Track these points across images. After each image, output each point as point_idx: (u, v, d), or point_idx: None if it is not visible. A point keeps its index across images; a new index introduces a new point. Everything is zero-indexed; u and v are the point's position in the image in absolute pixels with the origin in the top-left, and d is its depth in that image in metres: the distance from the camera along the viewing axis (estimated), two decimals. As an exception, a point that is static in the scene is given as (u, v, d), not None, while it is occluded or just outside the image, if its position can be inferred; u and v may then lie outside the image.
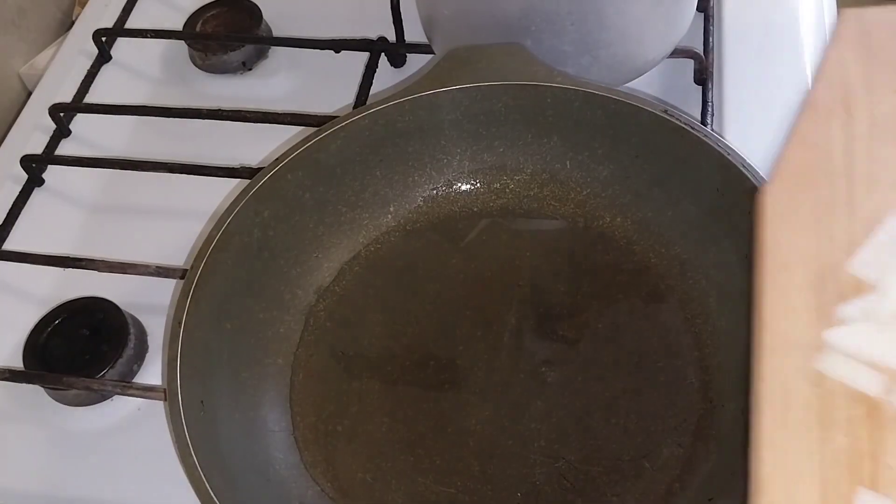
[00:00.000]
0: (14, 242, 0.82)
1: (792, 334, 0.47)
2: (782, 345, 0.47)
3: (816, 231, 0.51)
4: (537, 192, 0.77)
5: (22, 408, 0.73)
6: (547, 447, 0.65)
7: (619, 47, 0.76)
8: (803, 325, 0.48)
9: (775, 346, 0.47)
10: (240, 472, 0.61)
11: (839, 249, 0.49)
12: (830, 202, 0.52)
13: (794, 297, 0.49)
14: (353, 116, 0.72)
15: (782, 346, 0.47)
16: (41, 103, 0.92)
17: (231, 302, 0.67)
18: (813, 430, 0.45)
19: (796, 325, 0.48)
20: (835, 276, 0.49)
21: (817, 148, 0.54)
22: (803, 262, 0.50)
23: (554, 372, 0.68)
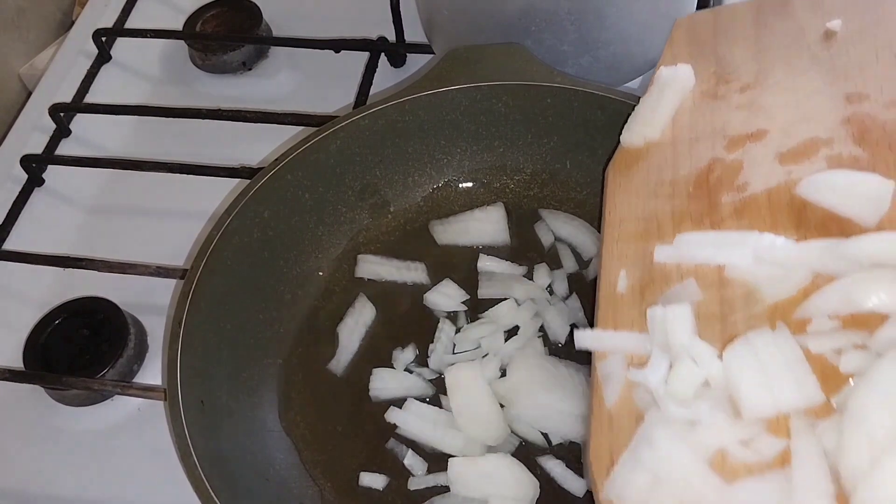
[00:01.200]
0: (14, 242, 0.82)
1: (618, 279, 0.57)
2: (612, 287, 0.57)
3: (646, 191, 0.60)
4: (537, 191, 0.77)
5: (22, 408, 0.73)
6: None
7: (619, 47, 0.76)
8: (630, 268, 0.57)
9: (608, 287, 0.57)
10: (240, 472, 0.61)
11: (663, 203, 0.59)
12: (658, 167, 0.61)
13: (626, 245, 0.58)
14: (353, 116, 0.72)
15: (612, 288, 0.57)
16: (41, 103, 0.92)
17: (231, 302, 0.67)
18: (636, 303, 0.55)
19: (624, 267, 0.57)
20: (659, 225, 0.58)
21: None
22: (634, 217, 0.60)
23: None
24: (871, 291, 0.47)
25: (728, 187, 0.57)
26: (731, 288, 0.52)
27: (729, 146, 0.59)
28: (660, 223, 0.58)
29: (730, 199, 0.57)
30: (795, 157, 0.57)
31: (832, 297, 0.49)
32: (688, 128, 0.62)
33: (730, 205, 0.56)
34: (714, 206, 0.57)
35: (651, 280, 0.55)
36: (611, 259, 0.58)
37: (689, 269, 0.54)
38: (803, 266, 0.51)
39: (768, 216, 0.55)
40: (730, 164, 0.58)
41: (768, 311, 0.50)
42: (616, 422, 0.50)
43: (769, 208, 0.55)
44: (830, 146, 0.56)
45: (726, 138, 0.60)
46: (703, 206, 0.57)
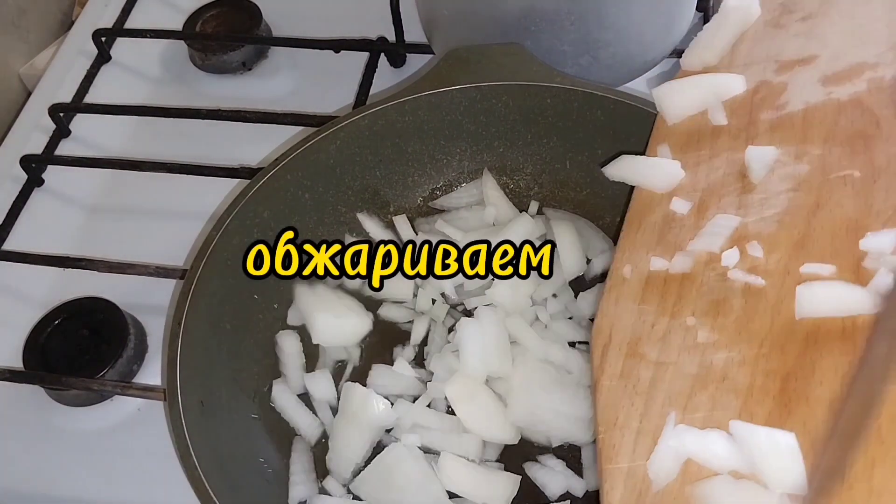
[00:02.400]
0: (14, 242, 0.82)
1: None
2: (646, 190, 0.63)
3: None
4: (537, 192, 0.77)
5: (22, 408, 0.73)
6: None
7: (618, 47, 0.76)
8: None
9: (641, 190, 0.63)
10: (240, 472, 0.61)
11: (706, 118, 0.64)
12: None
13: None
14: (352, 116, 0.72)
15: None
16: (41, 103, 0.92)
17: (231, 302, 0.67)
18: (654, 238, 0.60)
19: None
20: (699, 134, 0.63)
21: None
22: (680, 131, 0.64)
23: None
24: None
25: (769, 106, 0.61)
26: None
27: (778, 70, 0.63)
28: (700, 135, 0.63)
29: (767, 117, 0.60)
30: (838, 80, 0.60)
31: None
32: (745, 54, 0.66)
33: (766, 122, 0.60)
34: (752, 123, 0.61)
35: (680, 188, 0.61)
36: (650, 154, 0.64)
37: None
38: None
39: (800, 131, 0.58)
40: (775, 85, 0.62)
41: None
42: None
43: (802, 124, 0.58)
44: (875, 69, 0.58)
45: (777, 63, 0.63)
46: (742, 122, 0.61)
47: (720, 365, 0.51)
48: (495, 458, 0.65)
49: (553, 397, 0.63)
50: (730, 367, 0.51)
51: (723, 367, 0.51)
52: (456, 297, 0.72)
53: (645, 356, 0.53)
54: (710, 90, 0.65)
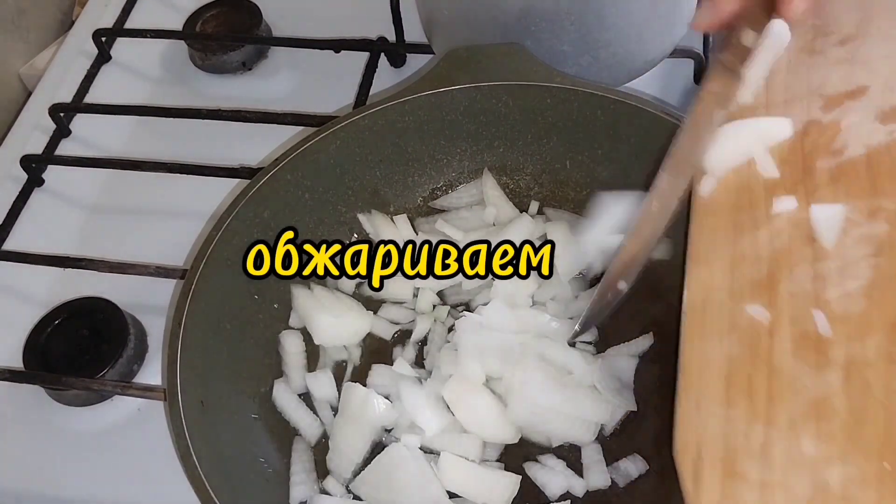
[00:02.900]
0: (14, 242, 0.82)
1: (713, 250, 0.54)
2: (704, 259, 0.54)
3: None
4: (537, 191, 0.77)
5: (22, 408, 0.73)
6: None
7: (618, 47, 0.76)
8: (722, 241, 0.54)
9: (699, 259, 0.55)
10: (240, 472, 0.61)
11: (755, 170, 0.56)
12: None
13: (716, 218, 0.56)
14: (353, 116, 0.72)
15: (704, 260, 0.54)
16: (41, 103, 0.92)
17: (231, 302, 0.67)
18: (724, 325, 0.51)
19: (717, 241, 0.55)
20: (751, 195, 0.55)
21: (742, 84, 0.60)
22: (725, 188, 0.56)
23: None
24: None
25: (824, 151, 0.53)
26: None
27: (826, 106, 0.55)
28: (752, 193, 0.55)
29: (826, 165, 0.53)
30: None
31: None
32: (783, 89, 0.58)
33: (825, 171, 0.52)
34: (808, 173, 0.53)
35: (742, 256, 0.53)
36: (700, 232, 0.55)
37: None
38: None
39: (867, 181, 0.50)
40: (826, 125, 0.54)
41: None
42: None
43: (868, 173, 0.51)
44: None
45: (823, 98, 0.56)
46: (797, 173, 0.53)
47: (837, 485, 0.43)
48: (495, 458, 0.65)
49: (553, 397, 0.63)
50: (849, 486, 0.43)
51: (841, 487, 0.43)
52: (456, 297, 0.72)
53: (746, 476, 0.45)
54: (754, 137, 0.57)
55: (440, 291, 0.73)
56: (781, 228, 0.53)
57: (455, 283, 0.72)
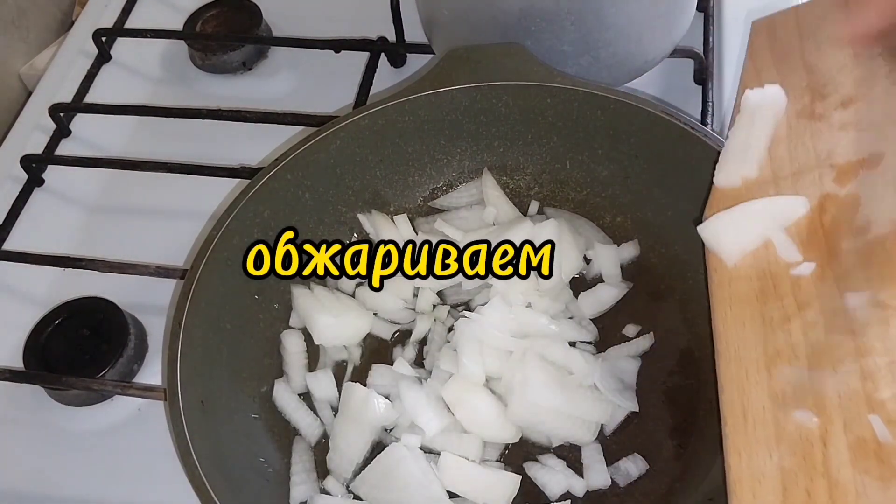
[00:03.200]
0: (14, 242, 0.82)
1: (743, 346, 0.49)
2: (735, 356, 0.50)
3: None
4: (537, 191, 0.77)
5: (22, 408, 0.73)
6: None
7: (619, 47, 0.76)
8: (752, 336, 0.50)
9: (729, 356, 0.50)
10: (240, 472, 0.61)
11: (776, 254, 0.51)
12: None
13: (741, 307, 0.51)
14: (353, 116, 0.72)
15: (735, 358, 0.50)
16: (41, 103, 0.92)
17: (231, 302, 0.67)
18: (770, 433, 0.47)
19: (746, 336, 0.50)
20: (775, 283, 0.50)
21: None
22: (746, 276, 0.52)
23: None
24: None
25: (847, 230, 0.49)
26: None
27: (839, 178, 0.51)
28: (776, 281, 0.51)
29: (852, 246, 0.48)
30: None
31: None
32: (788, 159, 0.54)
33: (852, 252, 0.48)
34: (834, 255, 0.49)
35: (776, 352, 0.48)
36: (726, 325, 0.51)
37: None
38: None
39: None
40: (844, 200, 0.50)
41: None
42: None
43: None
44: None
45: (834, 168, 0.52)
46: (822, 256, 0.49)
47: None
48: (495, 457, 0.65)
49: (553, 397, 0.63)
50: None
51: None
52: (456, 297, 0.72)
53: None
54: (768, 218, 0.53)
55: (440, 291, 0.73)
56: (815, 320, 0.49)
57: (455, 283, 0.72)
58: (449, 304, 0.72)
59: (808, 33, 0.58)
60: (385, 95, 0.73)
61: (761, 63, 0.59)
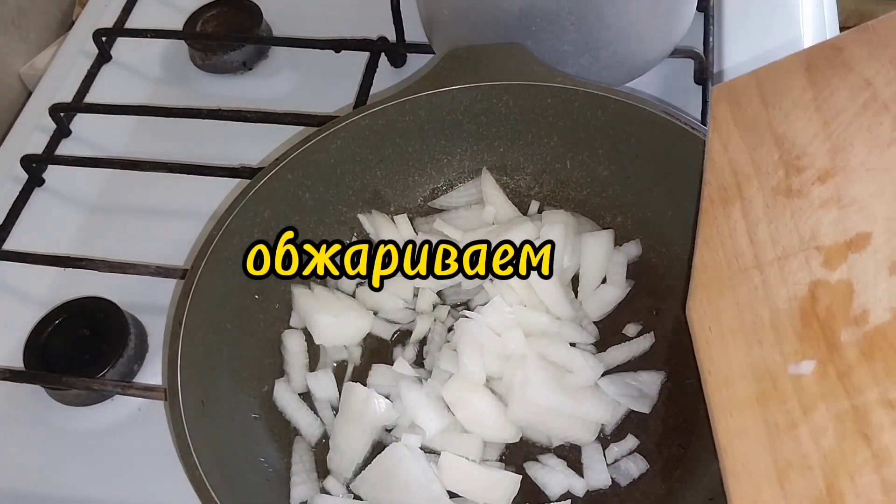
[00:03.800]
0: (14, 242, 0.82)
1: (750, 458, 0.46)
2: (743, 470, 0.46)
3: (745, 336, 0.49)
4: (537, 191, 0.77)
5: (22, 408, 0.73)
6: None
7: (619, 47, 0.76)
8: (758, 446, 0.47)
9: (737, 472, 0.46)
10: (240, 472, 0.61)
11: (771, 351, 0.48)
12: (750, 300, 0.50)
13: (741, 413, 0.48)
14: (353, 116, 0.72)
15: (743, 472, 0.46)
16: (41, 103, 0.92)
17: (231, 302, 0.67)
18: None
19: (752, 447, 0.47)
20: (775, 384, 0.47)
21: (724, 244, 0.53)
22: (741, 375, 0.48)
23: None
24: None
25: (843, 320, 0.46)
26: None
27: (827, 262, 0.48)
28: (775, 382, 0.47)
29: (851, 338, 0.45)
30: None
31: None
32: (770, 242, 0.51)
33: (853, 345, 0.45)
34: (834, 349, 0.46)
35: (787, 464, 0.45)
36: (729, 436, 0.48)
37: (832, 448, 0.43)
38: None
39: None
40: (836, 287, 0.47)
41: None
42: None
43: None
44: None
45: (821, 251, 0.49)
46: (821, 352, 0.46)
47: None
48: (496, 457, 0.65)
49: (553, 397, 0.63)
50: None
51: None
52: (456, 297, 0.72)
53: None
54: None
55: (440, 291, 0.73)
56: (824, 425, 0.45)
57: (455, 283, 0.72)
58: (449, 304, 0.72)
59: (772, 101, 0.55)
60: (385, 95, 0.73)
61: (726, 136, 0.56)
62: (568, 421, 0.64)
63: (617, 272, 0.71)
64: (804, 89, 0.54)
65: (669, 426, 0.65)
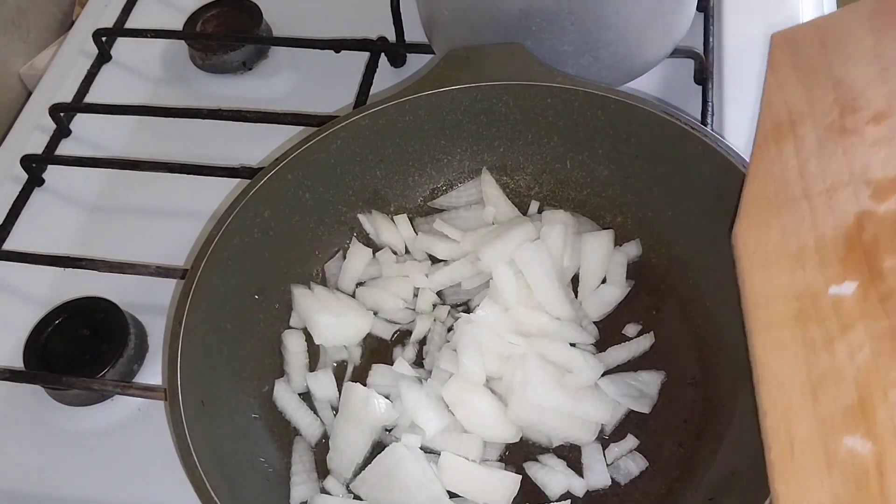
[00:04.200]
0: (14, 242, 0.82)
1: (785, 370, 0.48)
2: (777, 381, 0.48)
3: (788, 261, 0.51)
4: (537, 191, 0.77)
5: (22, 408, 0.73)
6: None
7: (619, 47, 0.76)
8: (794, 360, 0.48)
9: (770, 381, 0.48)
10: (240, 472, 0.61)
11: (813, 273, 0.50)
12: (796, 228, 0.52)
13: (780, 330, 0.49)
14: (353, 116, 0.72)
15: (777, 382, 0.48)
16: (41, 103, 0.92)
17: (231, 302, 0.67)
18: (820, 460, 0.45)
19: (787, 360, 0.48)
20: (815, 304, 0.49)
21: (774, 177, 0.55)
22: (782, 296, 0.50)
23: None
24: None
25: (888, 248, 0.48)
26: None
27: (876, 194, 0.50)
28: (815, 301, 0.49)
29: (894, 264, 0.47)
30: None
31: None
32: (819, 175, 0.53)
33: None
34: (876, 275, 0.47)
35: (822, 376, 0.46)
36: (765, 350, 0.50)
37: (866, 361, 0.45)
38: None
39: None
40: (882, 217, 0.49)
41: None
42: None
43: None
44: None
45: (870, 185, 0.50)
46: (864, 276, 0.47)
47: None
48: (496, 457, 0.65)
49: (553, 397, 0.63)
50: None
51: None
52: (455, 297, 0.73)
53: None
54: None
55: (440, 291, 0.73)
56: (861, 342, 0.47)
57: (455, 283, 0.72)
58: (449, 304, 0.72)
59: (832, 47, 0.57)
60: (385, 95, 0.73)
61: (784, 77, 0.58)
62: (568, 421, 0.64)
63: (617, 272, 0.71)
64: (864, 37, 0.56)
65: (669, 426, 0.65)
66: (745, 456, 0.58)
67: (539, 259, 0.67)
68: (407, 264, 0.73)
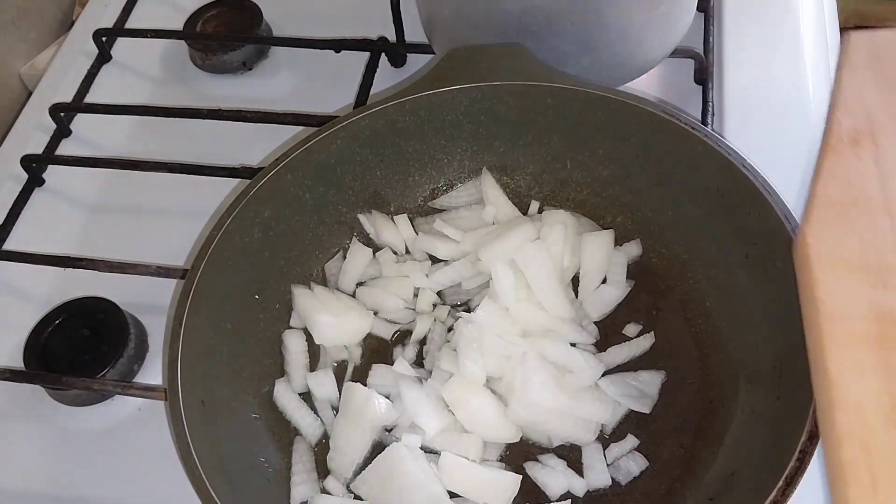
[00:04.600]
0: (14, 242, 0.82)
1: (866, 398, 0.45)
2: (855, 407, 0.45)
3: (868, 276, 0.48)
4: (537, 191, 0.77)
5: (22, 408, 0.73)
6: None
7: (619, 47, 0.76)
8: (876, 387, 0.45)
9: (848, 406, 0.45)
10: (240, 472, 0.61)
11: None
12: (877, 244, 0.49)
13: (859, 351, 0.47)
14: (353, 116, 0.72)
15: (855, 408, 0.45)
16: (41, 103, 0.92)
17: (231, 302, 0.67)
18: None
19: (869, 387, 0.46)
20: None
21: (851, 183, 0.53)
22: (861, 314, 0.47)
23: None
24: None
25: None
26: None
27: None
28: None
29: None
30: None
31: None
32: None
33: None
34: None
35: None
36: (842, 370, 0.47)
37: None
38: None
39: None
40: None
41: None
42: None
43: None
44: None
45: None
46: None
47: None
48: (496, 457, 0.65)
49: (553, 397, 0.63)
50: None
51: None
52: (455, 297, 0.73)
53: None
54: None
55: (440, 291, 0.73)
56: None
57: (455, 283, 0.72)
58: (449, 304, 0.72)
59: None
60: (385, 95, 0.73)
61: (863, 81, 0.57)
62: (568, 421, 0.64)
63: (617, 272, 0.71)
64: None
65: (669, 426, 0.65)
66: (745, 456, 0.58)
67: (539, 259, 0.67)
68: (407, 264, 0.73)
